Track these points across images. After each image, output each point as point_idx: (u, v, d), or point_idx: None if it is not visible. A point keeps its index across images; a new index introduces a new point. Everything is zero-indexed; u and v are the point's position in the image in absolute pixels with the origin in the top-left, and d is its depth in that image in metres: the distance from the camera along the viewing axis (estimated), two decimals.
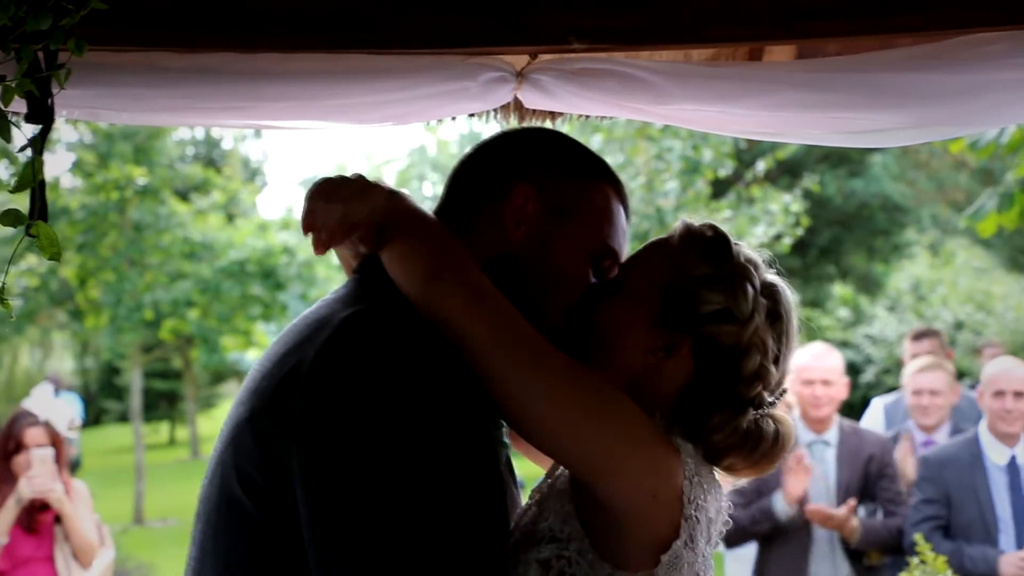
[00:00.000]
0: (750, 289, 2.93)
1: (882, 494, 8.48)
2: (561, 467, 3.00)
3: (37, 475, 8.20)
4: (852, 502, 8.24)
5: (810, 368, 8.60)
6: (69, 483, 8.59)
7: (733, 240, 3.03)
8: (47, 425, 8.48)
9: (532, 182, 2.96)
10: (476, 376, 2.67)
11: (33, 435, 8.41)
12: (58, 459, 8.46)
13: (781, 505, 8.35)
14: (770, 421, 2.97)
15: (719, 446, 2.91)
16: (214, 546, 2.74)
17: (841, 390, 8.75)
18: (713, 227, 3.05)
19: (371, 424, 2.50)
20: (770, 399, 2.98)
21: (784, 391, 3.05)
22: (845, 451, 8.54)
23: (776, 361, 2.97)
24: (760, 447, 2.94)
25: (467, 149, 3.17)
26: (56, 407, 8.92)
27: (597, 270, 3.01)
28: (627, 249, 3.11)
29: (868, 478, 8.47)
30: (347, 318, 2.66)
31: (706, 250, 2.99)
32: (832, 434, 8.62)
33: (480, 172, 3.07)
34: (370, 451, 2.49)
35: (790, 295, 3.04)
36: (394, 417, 2.50)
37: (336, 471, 2.50)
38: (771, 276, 3.05)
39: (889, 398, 10.70)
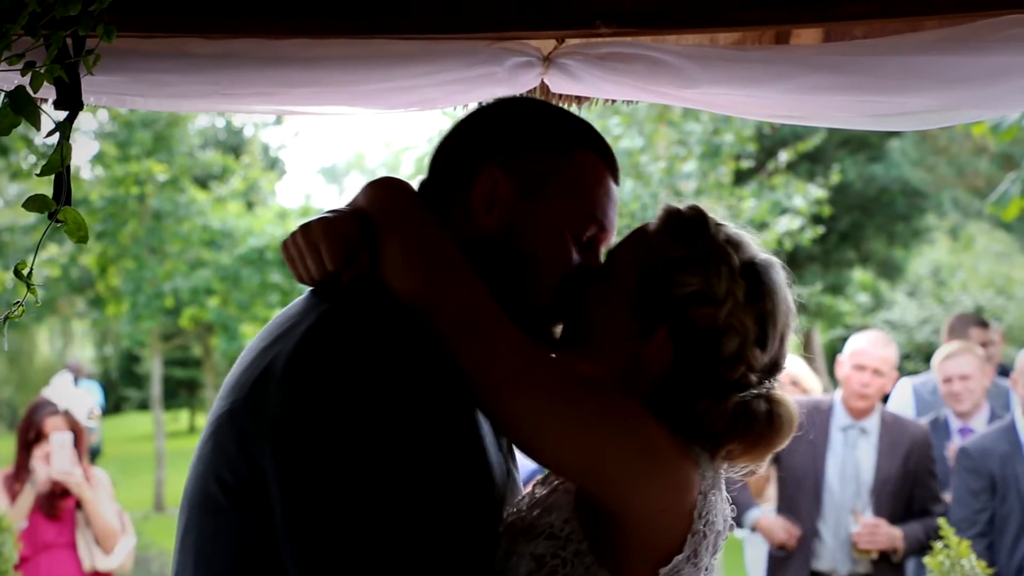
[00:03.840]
0: (724, 269, 2.85)
1: (920, 491, 8.39)
2: None
3: (56, 459, 8.22)
4: (867, 518, 8.18)
5: (865, 354, 8.46)
6: (89, 471, 8.62)
7: (715, 220, 2.98)
8: (67, 414, 8.51)
9: (499, 163, 2.89)
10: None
11: (53, 424, 8.44)
12: (78, 447, 8.48)
13: (748, 524, 8.49)
14: (762, 402, 2.88)
15: (710, 432, 2.83)
16: (194, 541, 2.73)
17: (889, 383, 8.67)
18: (693, 208, 3.00)
19: (347, 419, 2.50)
20: (759, 380, 2.89)
21: (777, 371, 2.96)
22: (886, 442, 8.38)
23: (760, 342, 2.86)
24: (752, 429, 2.86)
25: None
26: (76, 396, 8.93)
27: (582, 243, 2.94)
28: (615, 218, 3.04)
29: (907, 473, 8.37)
30: (324, 312, 2.66)
31: (681, 232, 2.92)
32: (872, 422, 8.43)
33: (451, 154, 3.01)
34: (346, 447, 2.48)
35: (778, 274, 2.94)
36: (371, 412, 2.51)
37: (311, 466, 2.49)
38: (759, 255, 2.96)
39: (919, 379, 10.53)
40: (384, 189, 2.93)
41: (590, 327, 2.92)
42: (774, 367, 2.94)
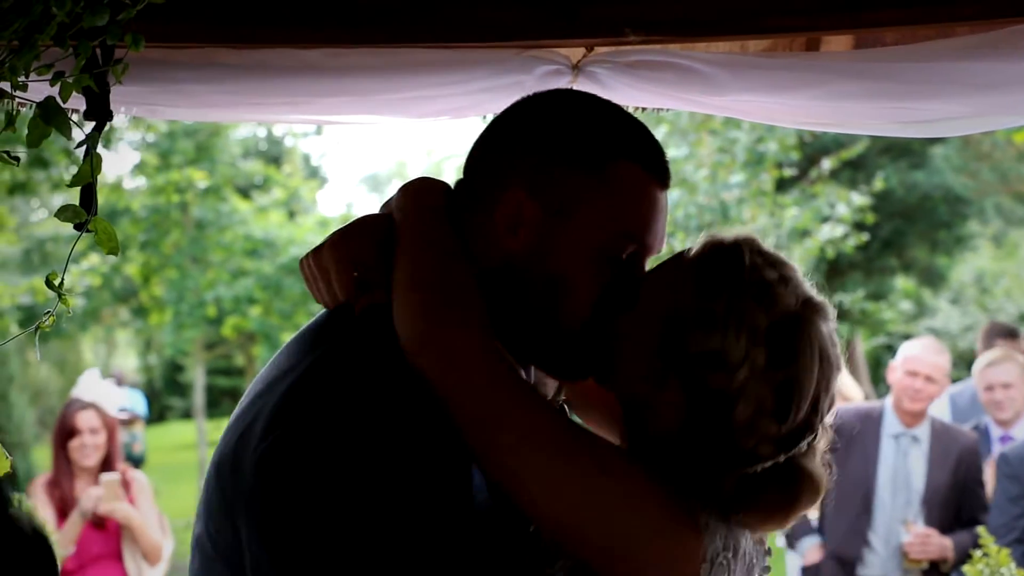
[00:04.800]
0: (745, 333, 2.58)
1: (969, 500, 8.35)
2: None
3: (103, 499, 8.25)
4: (918, 528, 8.15)
5: (918, 360, 8.43)
6: (127, 472, 8.65)
7: (757, 260, 2.68)
8: (96, 407, 8.53)
9: (523, 182, 2.68)
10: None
11: (84, 418, 8.49)
12: (110, 441, 8.53)
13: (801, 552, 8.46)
14: (781, 472, 2.65)
15: (721, 500, 2.62)
16: (196, 571, 2.70)
17: (940, 390, 8.63)
18: (733, 246, 2.71)
19: (319, 495, 2.39)
20: (781, 449, 2.64)
21: (808, 436, 2.66)
22: (937, 451, 8.35)
23: (777, 413, 2.60)
24: (766, 502, 2.66)
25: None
26: (103, 389, 8.95)
27: (621, 262, 2.71)
28: (662, 225, 2.79)
29: (956, 482, 8.34)
30: (312, 364, 2.57)
31: (709, 280, 2.65)
32: (923, 430, 8.43)
33: (478, 164, 2.82)
34: (317, 524, 2.39)
35: (816, 330, 2.65)
36: (345, 490, 2.39)
37: (281, 542, 2.42)
38: (798, 304, 2.66)
39: (955, 388, 10.47)
40: (411, 196, 2.82)
41: (610, 356, 2.75)
42: (803, 432, 2.66)
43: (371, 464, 2.40)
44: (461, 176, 2.86)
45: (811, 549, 8.60)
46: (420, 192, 2.83)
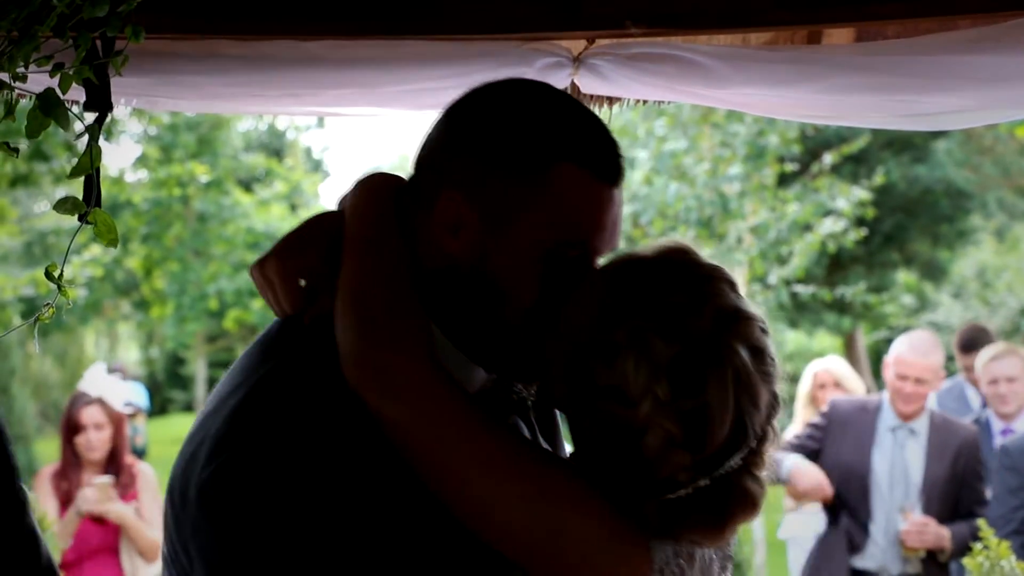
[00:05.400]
0: (644, 366, 2.44)
1: (967, 493, 8.35)
2: None
3: (96, 500, 8.24)
4: (916, 516, 8.14)
5: (907, 364, 8.33)
6: (134, 465, 8.65)
7: (674, 277, 2.54)
8: (101, 402, 8.52)
9: (460, 187, 2.56)
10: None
11: (89, 414, 8.46)
12: (117, 436, 8.53)
13: (785, 472, 8.33)
14: (709, 493, 2.50)
15: (660, 527, 2.51)
16: None
17: (933, 389, 8.62)
18: (634, 269, 2.58)
19: (257, 523, 2.36)
20: (692, 478, 2.48)
21: (738, 453, 2.50)
22: (935, 443, 8.35)
23: (689, 444, 2.45)
24: (700, 525, 2.52)
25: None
26: (109, 384, 8.92)
27: (568, 264, 2.59)
28: (612, 223, 2.64)
29: (955, 475, 8.33)
30: (256, 383, 2.51)
31: (613, 308, 2.51)
32: (921, 423, 8.38)
33: (419, 169, 2.70)
34: (255, 553, 2.36)
35: (736, 355, 2.48)
36: (284, 519, 2.35)
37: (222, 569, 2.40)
38: (714, 332, 2.48)
39: (944, 385, 10.44)
40: (362, 195, 2.73)
41: (541, 374, 2.68)
42: (727, 454, 2.51)
43: (313, 492, 2.36)
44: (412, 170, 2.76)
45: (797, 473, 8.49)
46: (371, 191, 2.73)
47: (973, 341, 10.63)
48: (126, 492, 8.45)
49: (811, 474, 8.32)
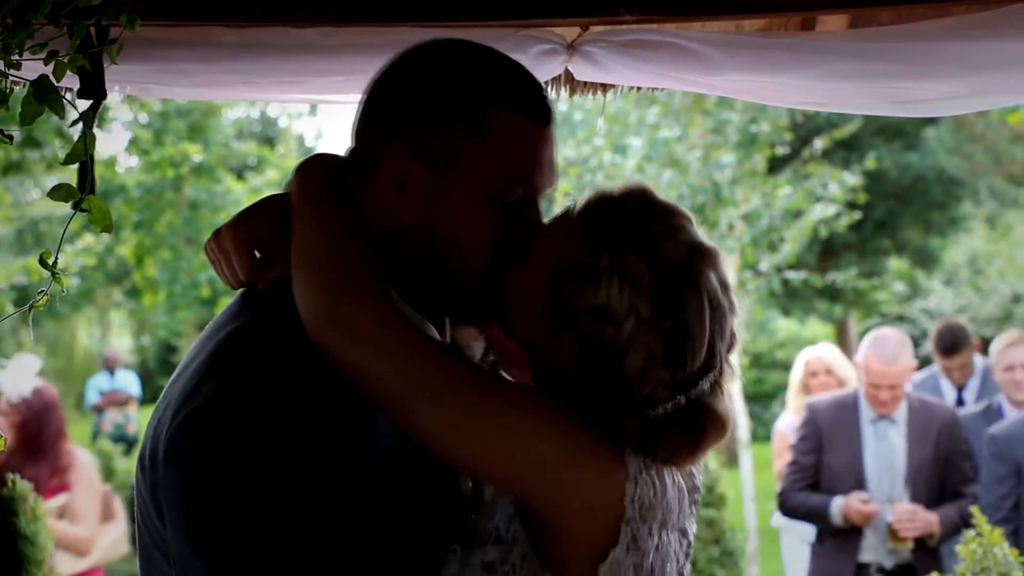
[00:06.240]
0: (627, 286, 2.62)
1: (952, 473, 8.36)
2: None
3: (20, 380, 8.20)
4: (904, 505, 8.14)
5: (877, 373, 8.32)
6: (71, 453, 8.49)
7: (643, 211, 2.72)
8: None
9: (404, 142, 2.70)
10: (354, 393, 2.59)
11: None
12: (24, 427, 8.31)
13: (837, 514, 8.29)
14: (684, 412, 2.67)
15: (639, 443, 2.65)
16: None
17: (909, 378, 8.61)
18: (610, 203, 2.75)
19: (228, 469, 2.45)
20: (679, 393, 2.66)
21: (710, 374, 2.70)
22: (915, 428, 8.35)
23: (671, 360, 2.63)
24: (671, 441, 2.66)
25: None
26: (23, 376, 8.72)
27: (512, 206, 2.74)
28: (549, 161, 2.81)
29: (939, 456, 8.32)
30: (213, 352, 2.64)
31: (591, 236, 2.69)
32: (900, 411, 8.41)
33: (359, 136, 2.84)
34: (221, 506, 2.45)
35: (706, 278, 2.68)
36: (254, 464, 2.45)
37: (191, 524, 2.48)
38: (681, 258, 2.67)
39: (917, 376, 10.39)
40: (304, 173, 2.86)
41: (507, 310, 2.80)
42: (702, 374, 2.69)
43: (277, 435, 2.45)
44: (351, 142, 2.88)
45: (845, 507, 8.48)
46: (309, 168, 2.86)
47: (953, 344, 10.59)
48: (57, 484, 8.33)
49: (859, 509, 8.29)
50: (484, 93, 2.75)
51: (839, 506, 8.27)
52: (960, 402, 10.29)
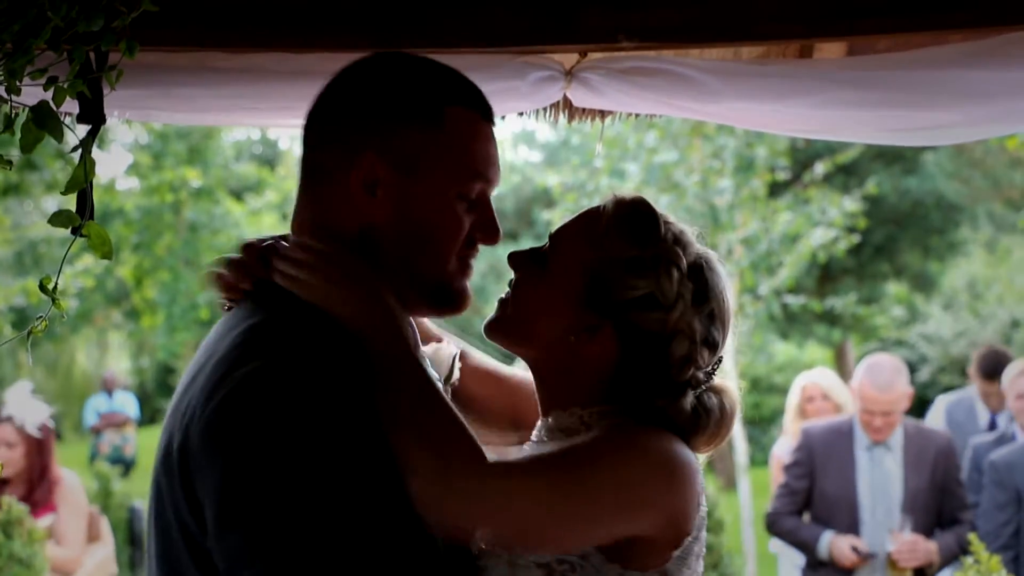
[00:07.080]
0: (675, 273, 2.86)
1: (948, 500, 8.33)
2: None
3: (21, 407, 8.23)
4: (905, 536, 8.12)
5: (872, 400, 8.31)
6: (58, 474, 8.53)
7: (663, 215, 2.95)
8: (11, 421, 8.38)
9: (373, 146, 2.80)
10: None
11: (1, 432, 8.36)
12: (32, 455, 8.39)
13: (825, 551, 8.29)
14: (712, 396, 2.94)
15: (675, 427, 2.85)
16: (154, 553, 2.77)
17: (901, 415, 8.56)
18: (642, 204, 2.96)
19: (268, 446, 2.50)
20: (704, 377, 2.92)
21: (718, 364, 2.98)
22: (911, 455, 8.33)
23: (708, 342, 2.89)
24: (708, 426, 2.90)
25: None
26: (29, 406, 8.75)
27: (472, 203, 2.88)
28: (498, 158, 2.97)
29: (935, 483, 8.30)
30: (241, 335, 2.69)
31: (632, 231, 2.90)
32: (895, 438, 8.39)
33: (317, 146, 2.92)
34: (251, 485, 2.50)
35: (720, 271, 2.97)
36: (291, 438, 2.50)
37: (227, 510, 2.52)
38: (701, 251, 2.96)
39: (952, 397, 10.39)
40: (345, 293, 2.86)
41: (527, 316, 2.93)
42: (719, 361, 2.98)
43: (315, 412, 2.53)
44: (302, 155, 2.95)
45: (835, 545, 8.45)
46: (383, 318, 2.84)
47: (996, 369, 10.46)
48: (43, 505, 8.34)
49: (848, 556, 8.27)
50: (438, 92, 2.89)
51: (827, 543, 8.26)
52: (993, 426, 10.25)
